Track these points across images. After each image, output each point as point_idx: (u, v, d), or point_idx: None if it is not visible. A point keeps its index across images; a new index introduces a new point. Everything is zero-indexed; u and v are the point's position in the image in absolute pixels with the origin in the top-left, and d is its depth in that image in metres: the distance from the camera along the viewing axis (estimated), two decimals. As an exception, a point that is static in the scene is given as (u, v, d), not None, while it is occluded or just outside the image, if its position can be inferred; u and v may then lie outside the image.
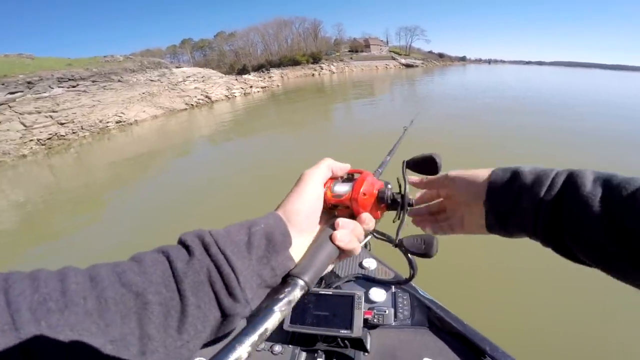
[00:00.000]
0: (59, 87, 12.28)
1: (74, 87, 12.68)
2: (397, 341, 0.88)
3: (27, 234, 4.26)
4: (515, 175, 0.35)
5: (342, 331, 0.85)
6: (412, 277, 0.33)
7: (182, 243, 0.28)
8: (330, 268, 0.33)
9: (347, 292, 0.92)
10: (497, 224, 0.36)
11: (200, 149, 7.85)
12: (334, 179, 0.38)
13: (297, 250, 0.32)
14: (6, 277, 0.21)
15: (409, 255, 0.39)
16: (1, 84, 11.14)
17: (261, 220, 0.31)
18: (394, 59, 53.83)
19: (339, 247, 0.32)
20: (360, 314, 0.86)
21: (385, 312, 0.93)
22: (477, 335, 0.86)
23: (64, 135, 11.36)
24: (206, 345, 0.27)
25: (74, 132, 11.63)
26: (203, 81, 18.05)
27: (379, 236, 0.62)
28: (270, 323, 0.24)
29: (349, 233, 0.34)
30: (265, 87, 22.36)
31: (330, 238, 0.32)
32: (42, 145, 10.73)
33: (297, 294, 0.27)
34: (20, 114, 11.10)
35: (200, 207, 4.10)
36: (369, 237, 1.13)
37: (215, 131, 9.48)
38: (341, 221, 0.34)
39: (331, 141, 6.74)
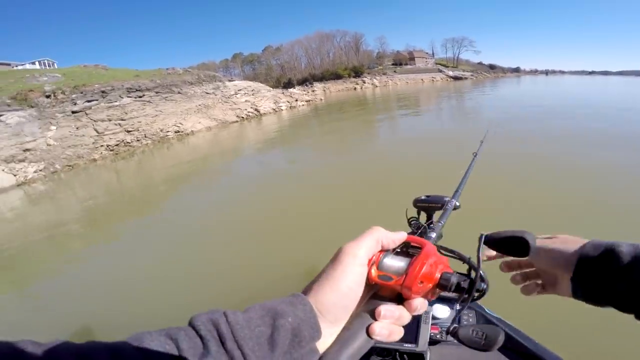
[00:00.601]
0: (127, 96, 13.51)
1: (140, 97, 13.86)
2: (457, 358, 0.84)
3: (89, 228, 4.75)
4: (610, 254, 0.33)
5: (406, 345, 0.80)
6: (482, 294, 0.30)
7: (195, 329, 0.25)
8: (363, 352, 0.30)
9: None
10: (586, 299, 0.36)
11: (248, 163, 7.98)
12: (384, 250, 0.32)
13: (327, 340, 0.28)
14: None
15: (480, 271, 0.30)
16: (81, 92, 12.56)
17: (288, 309, 0.27)
18: (440, 71, 52.17)
19: (376, 341, 0.29)
20: (427, 329, 0.82)
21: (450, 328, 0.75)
22: (551, 355, 0.81)
23: (129, 142, 12.36)
24: None
25: (138, 140, 12.60)
26: (253, 94, 18.80)
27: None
28: None
29: (390, 325, 0.29)
30: (309, 100, 22.72)
31: (367, 330, 0.28)
32: (111, 150, 11.76)
33: None
34: (95, 121, 12.35)
35: (244, 212, 4.28)
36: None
37: (262, 143, 9.70)
38: (384, 310, 0.29)
39: (369, 162, 6.41)
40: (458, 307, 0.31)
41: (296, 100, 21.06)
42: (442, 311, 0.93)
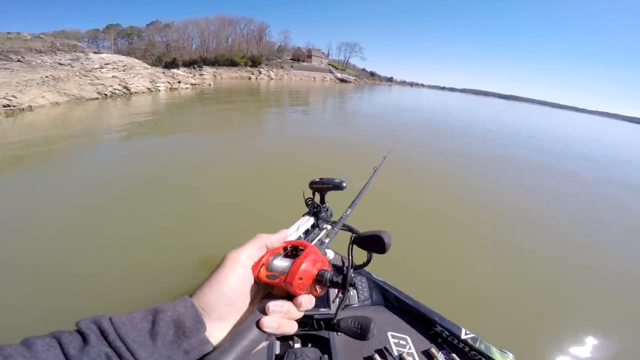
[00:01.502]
0: None
1: (-47, 60, 11.07)
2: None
3: None
4: None
5: (322, 309, 0.91)
6: (368, 261, 0.41)
7: (77, 329, 0.27)
8: (260, 347, 0.32)
9: None
10: None
11: (105, 145, 7.03)
12: (274, 252, 0.36)
13: (219, 334, 0.31)
14: None
15: (351, 269, 0.37)
16: None
17: (169, 306, 0.30)
18: (331, 72, 56.81)
19: (266, 333, 0.31)
20: (334, 293, 0.93)
21: (350, 293, 1.02)
22: (426, 309, 0.99)
23: None
24: None
25: (-53, 112, 10.18)
26: (124, 70, 17.14)
27: (344, 229, 0.70)
28: None
29: (279, 318, 0.32)
30: (195, 84, 22.06)
31: (258, 324, 0.31)
32: None
33: None
34: None
35: (95, 211, 3.40)
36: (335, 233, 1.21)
37: (127, 125, 8.78)
38: (272, 305, 0.32)
39: (258, 150, 6.43)
40: (338, 300, 0.38)
41: (179, 82, 20.19)
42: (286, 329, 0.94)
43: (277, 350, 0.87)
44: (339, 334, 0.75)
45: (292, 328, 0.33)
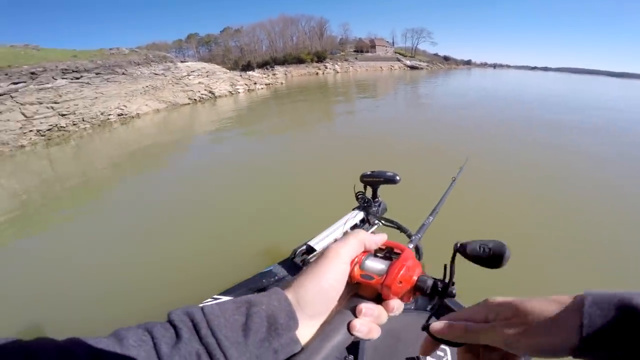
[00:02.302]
0: (62, 78, 12.20)
1: (77, 78, 12.60)
2: (401, 324, 0.91)
3: (21, 223, 4.14)
4: (630, 314, 0.21)
5: None
6: (453, 296, 0.33)
7: (170, 321, 0.26)
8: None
9: None
10: None
11: (201, 145, 7.77)
12: (366, 252, 0.34)
13: (307, 332, 0.29)
14: None
15: (453, 279, 0.33)
16: (4, 74, 11.06)
17: (263, 299, 0.28)
18: (399, 60, 53.63)
19: (355, 336, 0.29)
20: None
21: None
22: None
23: (64, 127, 11.28)
24: None
25: (74, 124, 11.55)
26: (207, 76, 17.94)
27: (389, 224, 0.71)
28: None
29: (369, 322, 0.30)
30: (269, 84, 22.25)
31: (348, 326, 0.29)
32: (42, 136, 10.66)
33: None
34: (22, 104, 11.03)
35: (196, 203, 4.00)
36: (378, 224, 1.17)
37: (217, 127, 9.38)
38: (365, 308, 0.30)
39: (331, 146, 6.62)
40: (431, 308, 0.35)
41: (255, 83, 20.51)
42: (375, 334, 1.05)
43: None
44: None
45: (378, 333, 0.31)
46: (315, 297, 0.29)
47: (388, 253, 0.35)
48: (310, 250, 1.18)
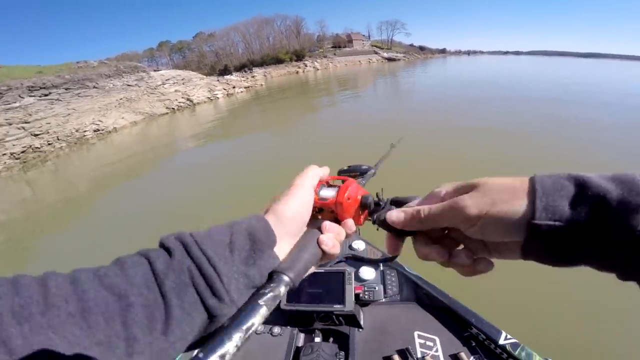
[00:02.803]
0: (30, 96, 11.73)
1: (46, 95, 12.13)
2: (388, 316, 0.92)
3: (8, 251, 4.07)
4: (580, 184, 0.23)
5: (336, 306, 0.88)
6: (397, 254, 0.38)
7: (162, 245, 0.28)
8: (312, 269, 0.33)
9: (338, 269, 0.97)
10: (547, 257, 0.24)
11: (184, 155, 7.64)
12: (320, 183, 0.39)
13: (283, 251, 0.32)
14: None
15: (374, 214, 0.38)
16: (-34, 96, 10.55)
17: (243, 221, 0.31)
18: (376, 53, 53.97)
19: (323, 250, 0.33)
20: (351, 289, 0.90)
21: (375, 288, 0.98)
22: (462, 308, 0.90)
23: (39, 147, 10.86)
24: (192, 344, 0.26)
25: (49, 144, 11.13)
26: (183, 83, 17.60)
27: None
28: (257, 318, 0.24)
29: (333, 237, 0.34)
30: (248, 87, 22.02)
31: (317, 241, 0.33)
32: (17, 159, 10.23)
33: (282, 289, 0.28)
34: (-10, 126, 10.56)
35: (187, 214, 3.99)
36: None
37: (198, 135, 9.22)
38: (328, 225, 0.35)
39: (315, 143, 6.67)
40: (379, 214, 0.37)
41: (233, 87, 20.28)
42: (368, 273, 1.02)
43: (300, 343, 0.88)
44: (360, 330, 0.86)
45: (339, 250, 0.34)
46: (292, 217, 0.33)
47: (336, 184, 0.40)
48: None
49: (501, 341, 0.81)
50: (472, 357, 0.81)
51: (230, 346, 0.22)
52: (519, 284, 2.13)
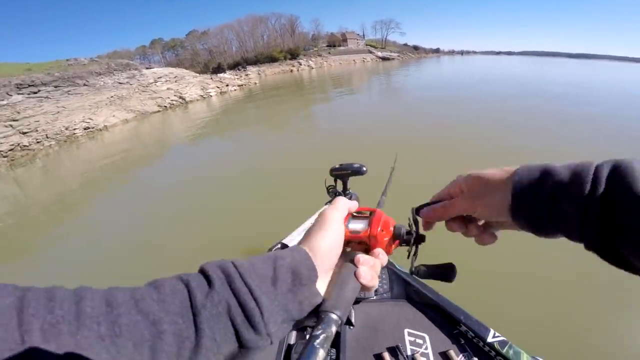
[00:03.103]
0: (18, 94, 11.52)
1: (35, 93, 11.93)
2: (378, 314, 0.92)
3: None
4: (545, 172, 0.30)
5: None
6: (412, 267, 0.41)
7: (203, 273, 0.28)
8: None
9: None
10: (530, 229, 0.31)
11: (177, 154, 7.57)
12: (347, 215, 0.39)
13: (320, 287, 0.32)
14: (22, 295, 0.21)
15: (406, 244, 0.41)
16: (-48, 93, 10.33)
17: (286, 254, 0.31)
18: (370, 52, 54.14)
19: (361, 284, 0.33)
20: None
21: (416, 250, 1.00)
22: (452, 305, 0.91)
23: (27, 146, 10.68)
24: None
25: (38, 142, 10.96)
26: (176, 81, 17.44)
27: None
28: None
29: (369, 270, 0.34)
30: (242, 85, 21.91)
31: (355, 275, 0.33)
32: (4, 157, 10.05)
33: (333, 329, 0.28)
34: (-23, 124, 10.34)
35: (183, 213, 3.96)
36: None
37: (191, 133, 9.15)
38: (362, 257, 0.34)
39: (312, 142, 6.66)
40: (413, 251, 0.41)
41: (227, 85, 20.15)
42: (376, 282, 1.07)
43: (292, 340, 0.87)
44: (352, 327, 0.86)
45: (376, 281, 0.35)
46: (326, 252, 0.33)
47: (364, 214, 0.41)
48: (285, 248, 1.15)
49: (489, 339, 0.82)
50: (460, 355, 0.82)
51: None
52: (508, 282, 2.18)
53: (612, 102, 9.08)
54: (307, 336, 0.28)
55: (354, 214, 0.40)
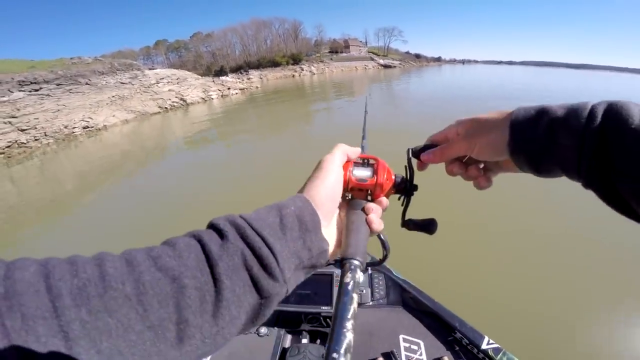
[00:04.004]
0: (19, 90, 11.53)
1: (36, 90, 11.94)
2: (374, 319, 0.93)
3: None
4: (542, 110, 0.30)
5: (324, 308, 0.89)
6: (385, 258, 0.40)
7: (213, 227, 0.28)
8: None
9: (326, 271, 0.98)
10: (529, 167, 0.32)
11: (175, 155, 7.57)
12: (349, 162, 0.39)
13: (325, 231, 0.32)
14: (45, 262, 0.21)
15: (381, 236, 0.39)
16: (-47, 88, 10.32)
17: (289, 202, 0.31)
18: (372, 59, 54.56)
19: (372, 230, 0.35)
20: (335, 292, 0.89)
21: (362, 291, 0.99)
22: (447, 312, 0.92)
23: (25, 143, 10.65)
24: (242, 332, 0.27)
25: (36, 139, 10.93)
26: (178, 83, 17.49)
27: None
28: (354, 304, 0.26)
29: (377, 217, 0.36)
30: (243, 88, 22.00)
31: (367, 222, 0.34)
32: (1, 153, 10.01)
33: (358, 274, 0.29)
34: (-24, 120, 10.31)
35: (179, 214, 3.94)
36: None
37: (191, 135, 9.17)
38: (371, 206, 0.36)
39: (311, 145, 6.70)
40: (405, 203, 0.42)
41: (228, 88, 20.23)
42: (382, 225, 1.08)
43: (287, 344, 0.88)
44: None
45: (381, 226, 0.36)
46: (326, 198, 0.33)
47: (366, 162, 0.41)
48: None
49: (484, 346, 0.83)
50: None
51: (350, 336, 0.23)
52: (503, 290, 2.21)
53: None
54: (338, 288, 0.28)
55: (356, 161, 0.40)
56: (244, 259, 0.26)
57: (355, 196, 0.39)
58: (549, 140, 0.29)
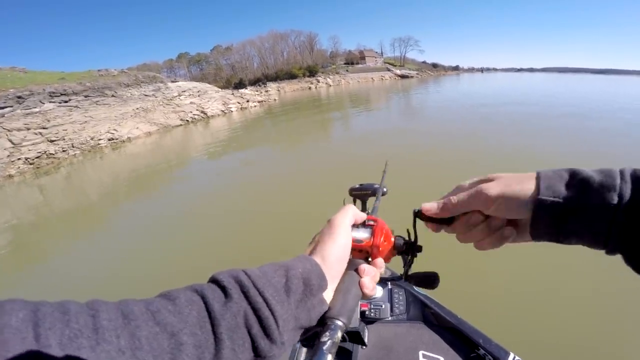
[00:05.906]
0: (50, 102, 11.96)
1: (65, 102, 12.36)
2: (393, 335, 0.90)
3: (15, 258, 3.95)
4: (573, 172, 0.30)
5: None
6: (406, 274, 0.40)
7: (216, 283, 0.28)
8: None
9: None
10: (551, 229, 0.30)
11: (197, 169, 7.51)
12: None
13: (327, 295, 0.32)
14: (36, 309, 0.20)
15: (403, 254, 0.41)
16: (-10, 99, 10.80)
17: (297, 263, 0.31)
18: (389, 70, 54.53)
19: (364, 293, 0.34)
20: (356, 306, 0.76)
21: (381, 306, 0.97)
22: (470, 328, 0.88)
23: (53, 154, 10.94)
24: None
25: (64, 150, 11.23)
26: (199, 96, 17.85)
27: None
28: None
29: (371, 280, 0.35)
30: (262, 101, 22.24)
31: (359, 284, 0.34)
32: (30, 164, 10.30)
33: (339, 334, 0.29)
34: (9, 130, 10.69)
35: (199, 228, 3.87)
36: None
37: (211, 149, 9.13)
38: (366, 267, 0.35)
39: (330, 161, 6.54)
40: (408, 262, 0.40)
41: (247, 101, 20.48)
42: (376, 291, 0.99)
43: (302, 358, 0.87)
44: (363, 347, 0.85)
45: (375, 291, 0.35)
46: (336, 259, 0.33)
47: (366, 223, 0.40)
48: None
49: None
50: None
51: None
52: (531, 304, 2.11)
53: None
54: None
55: (360, 223, 0.40)
56: (246, 319, 0.26)
57: (354, 257, 0.38)
58: (578, 201, 0.28)
